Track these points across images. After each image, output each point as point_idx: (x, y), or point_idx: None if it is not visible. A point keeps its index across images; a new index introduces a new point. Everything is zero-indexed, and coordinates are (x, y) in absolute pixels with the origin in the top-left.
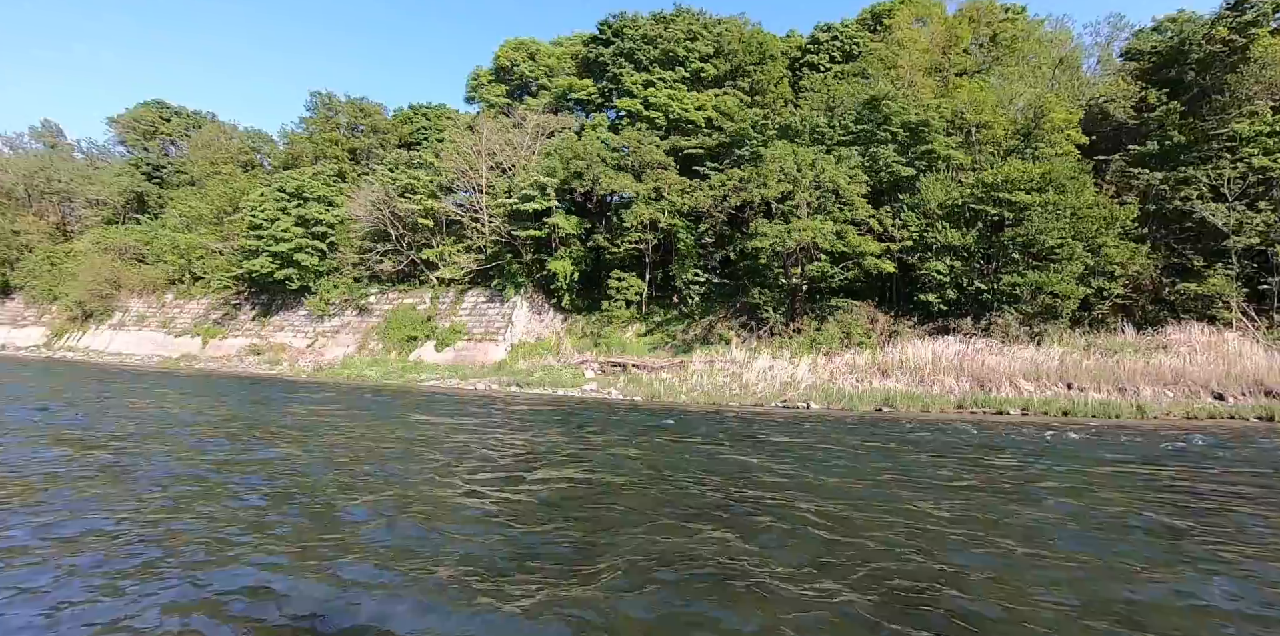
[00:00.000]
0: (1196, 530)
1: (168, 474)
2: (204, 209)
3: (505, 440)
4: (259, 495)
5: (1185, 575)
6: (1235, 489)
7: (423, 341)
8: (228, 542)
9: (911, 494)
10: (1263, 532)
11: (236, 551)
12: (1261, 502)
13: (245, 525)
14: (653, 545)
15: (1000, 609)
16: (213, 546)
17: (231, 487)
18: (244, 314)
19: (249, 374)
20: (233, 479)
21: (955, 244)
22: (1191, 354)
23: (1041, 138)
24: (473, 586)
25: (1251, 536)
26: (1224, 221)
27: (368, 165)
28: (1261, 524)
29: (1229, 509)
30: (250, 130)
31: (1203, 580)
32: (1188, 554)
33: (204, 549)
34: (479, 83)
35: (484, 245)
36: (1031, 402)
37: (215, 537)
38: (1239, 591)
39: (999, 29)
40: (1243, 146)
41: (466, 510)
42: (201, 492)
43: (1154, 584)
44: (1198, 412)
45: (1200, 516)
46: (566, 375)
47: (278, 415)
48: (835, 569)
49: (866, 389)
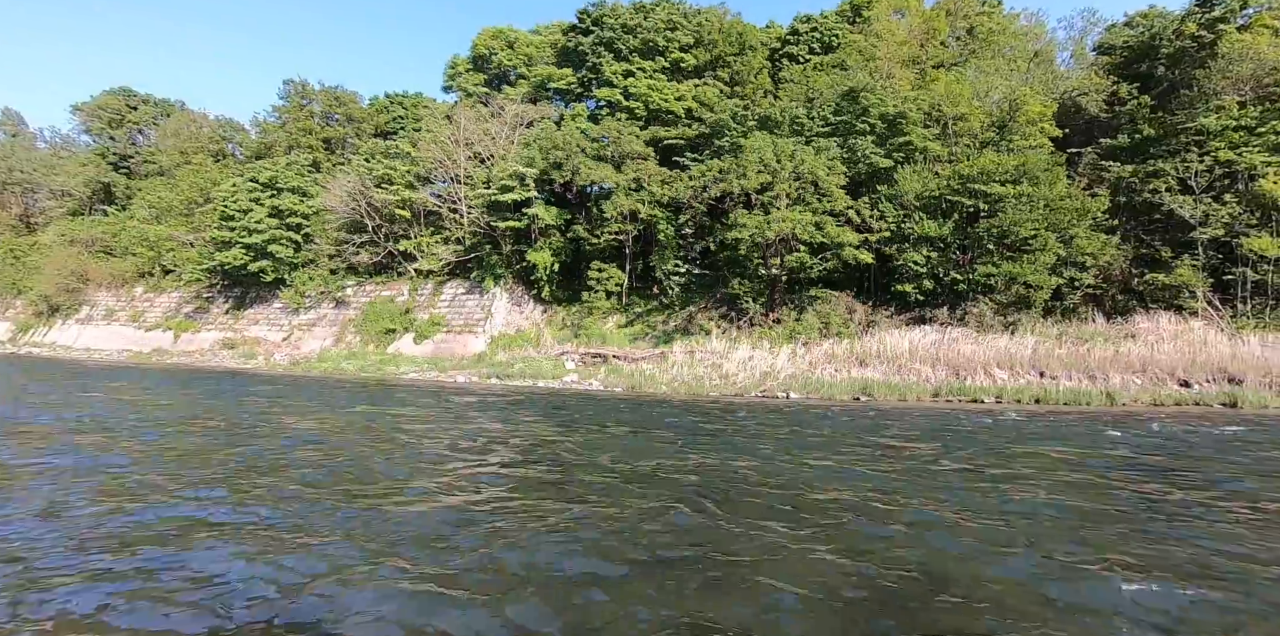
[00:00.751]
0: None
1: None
2: (174, 200)
3: (482, 429)
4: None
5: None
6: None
7: (401, 334)
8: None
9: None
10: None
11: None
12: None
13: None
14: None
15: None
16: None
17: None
18: (217, 307)
19: (223, 368)
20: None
21: (932, 235)
22: (1159, 342)
23: (1016, 130)
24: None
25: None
26: (1191, 213)
27: (343, 155)
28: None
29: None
30: (221, 119)
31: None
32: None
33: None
34: (456, 71)
35: (463, 236)
36: (1006, 391)
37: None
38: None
39: (975, 22)
40: (1210, 140)
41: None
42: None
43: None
44: (1164, 399)
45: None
46: (547, 366)
47: (233, 407)
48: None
49: (845, 378)
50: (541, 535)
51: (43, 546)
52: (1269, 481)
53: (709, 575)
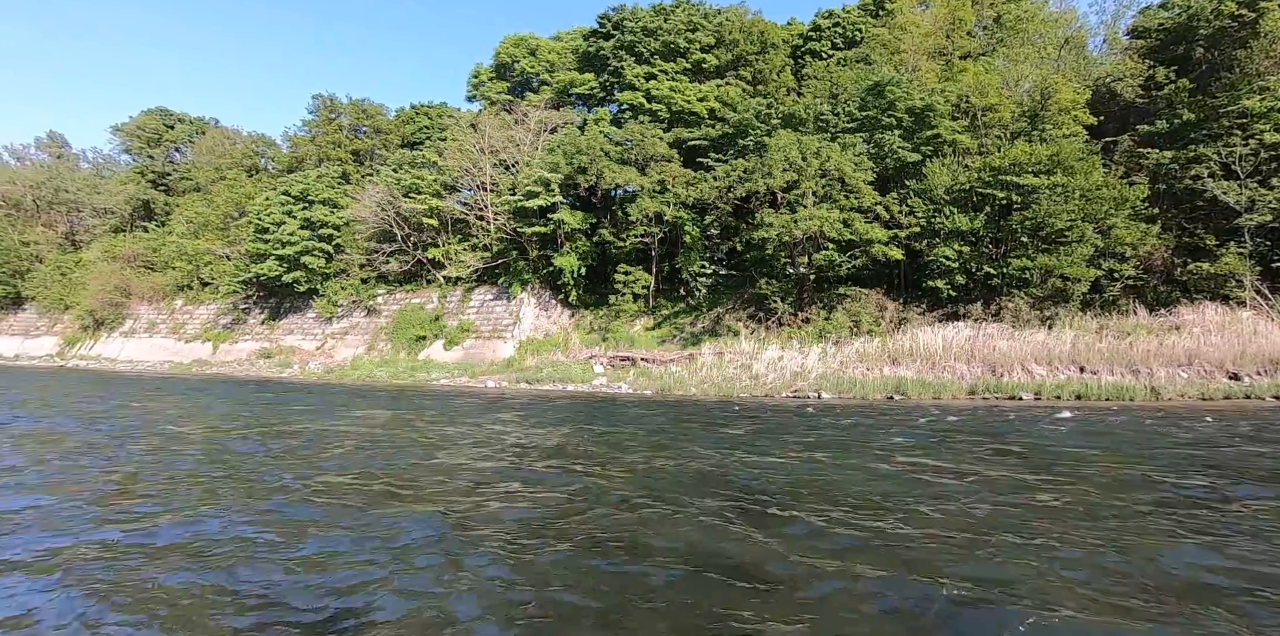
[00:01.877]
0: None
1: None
2: (210, 214)
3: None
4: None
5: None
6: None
7: (431, 340)
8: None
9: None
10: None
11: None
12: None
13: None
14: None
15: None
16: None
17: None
18: (253, 318)
19: (259, 377)
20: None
21: (963, 229)
22: (1205, 334)
23: (1048, 119)
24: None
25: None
26: (1236, 199)
27: (371, 166)
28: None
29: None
30: (253, 134)
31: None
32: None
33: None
34: (480, 80)
35: (489, 243)
36: (1044, 387)
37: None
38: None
39: (1002, 10)
40: (1254, 123)
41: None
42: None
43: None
44: (1213, 393)
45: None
46: (576, 370)
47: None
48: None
49: (877, 377)
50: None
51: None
52: None
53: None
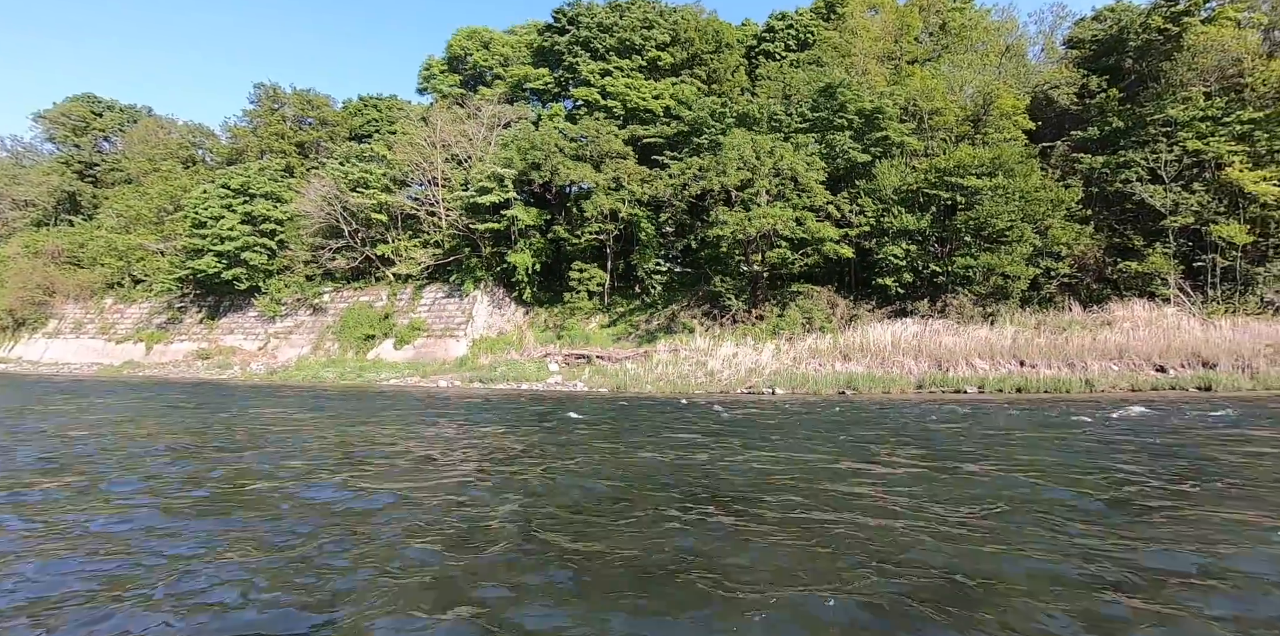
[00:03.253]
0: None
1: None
2: (143, 208)
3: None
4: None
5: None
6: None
7: (381, 339)
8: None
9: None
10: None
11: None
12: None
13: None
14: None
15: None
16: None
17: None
18: (190, 317)
19: (197, 379)
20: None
21: (910, 228)
22: (1134, 329)
23: (990, 124)
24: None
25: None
26: (1161, 202)
27: (317, 159)
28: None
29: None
30: (190, 124)
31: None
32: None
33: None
34: (431, 73)
35: (441, 239)
36: (987, 381)
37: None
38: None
39: (948, 17)
40: (1178, 131)
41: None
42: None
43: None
44: (1141, 385)
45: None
46: (530, 369)
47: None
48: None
49: (829, 372)
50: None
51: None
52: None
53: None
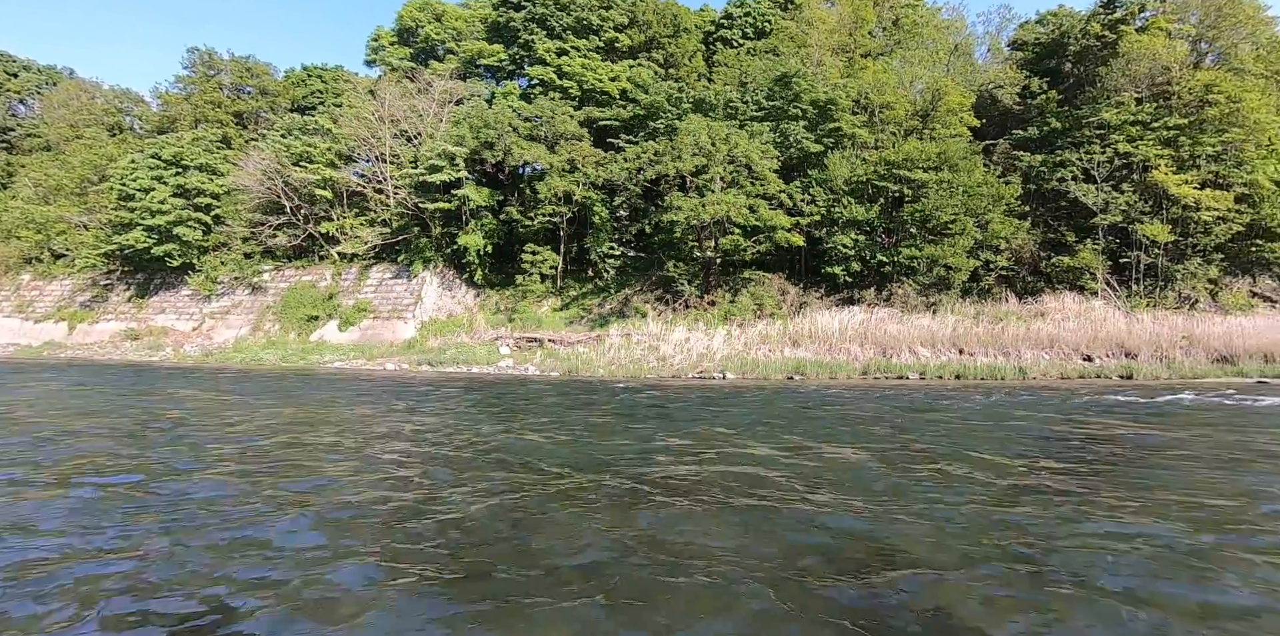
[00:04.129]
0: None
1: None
2: (64, 178)
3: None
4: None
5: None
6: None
7: (325, 321)
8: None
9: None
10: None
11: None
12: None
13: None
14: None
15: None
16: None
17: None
18: (117, 295)
19: (124, 361)
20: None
21: (860, 218)
22: (1065, 320)
23: (938, 119)
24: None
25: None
26: (1093, 201)
27: (257, 130)
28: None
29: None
30: (117, 89)
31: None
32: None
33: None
34: (380, 44)
35: (389, 218)
36: (929, 368)
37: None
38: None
39: (901, 13)
40: (1110, 133)
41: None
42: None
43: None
44: (1070, 373)
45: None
46: (481, 352)
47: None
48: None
49: (779, 358)
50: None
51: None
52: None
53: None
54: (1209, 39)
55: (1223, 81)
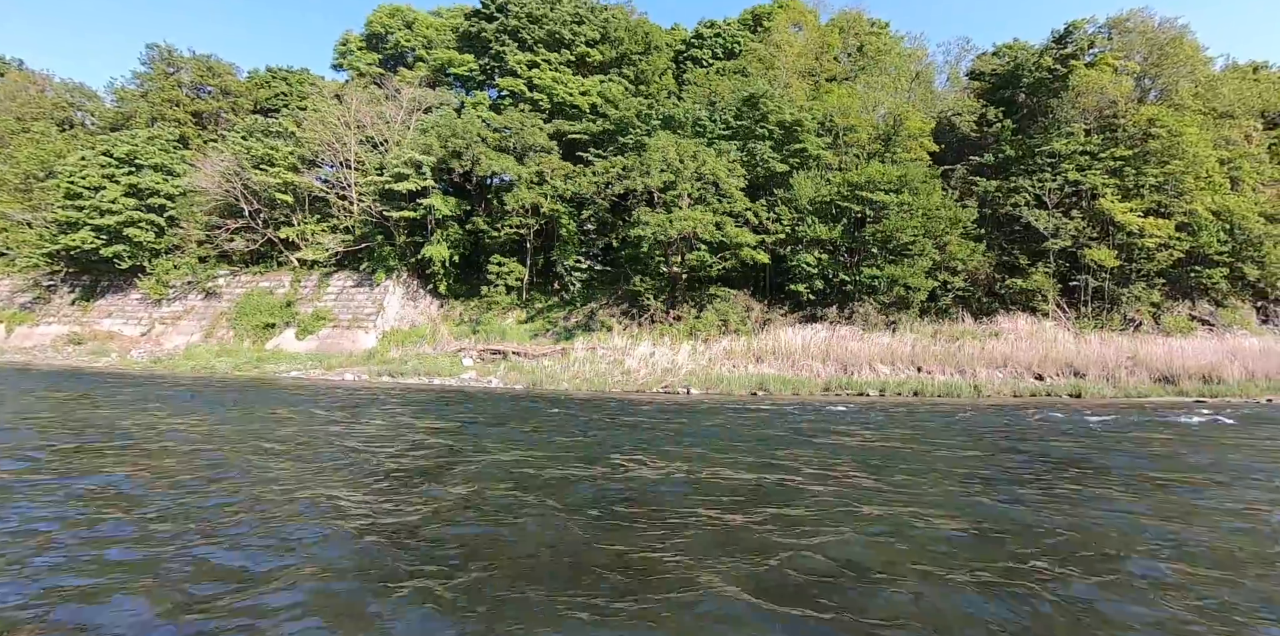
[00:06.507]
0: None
1: None
2: (7, 172)
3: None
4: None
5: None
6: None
7: (282, 328)
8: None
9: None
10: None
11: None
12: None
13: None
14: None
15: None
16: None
17: None
18: (60, 297)
19: (66, 366)
20: None
21: (823, 238)
22: (1018, 340)
23: (899, 144)
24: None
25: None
26: (1044, 226)
27: (216, 131)
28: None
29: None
30: (68, 83)
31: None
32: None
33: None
34: (348, 49)
35: (352, 225)
36: (889, 384)
37: None
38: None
39: (865, 40)
40: (1061, 162)
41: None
42: None
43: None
44: (1022, 391)
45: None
46: (443, 363)
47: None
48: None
49: (743, 374)
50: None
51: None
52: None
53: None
54: (1152, 75)
55: (1164, 116)
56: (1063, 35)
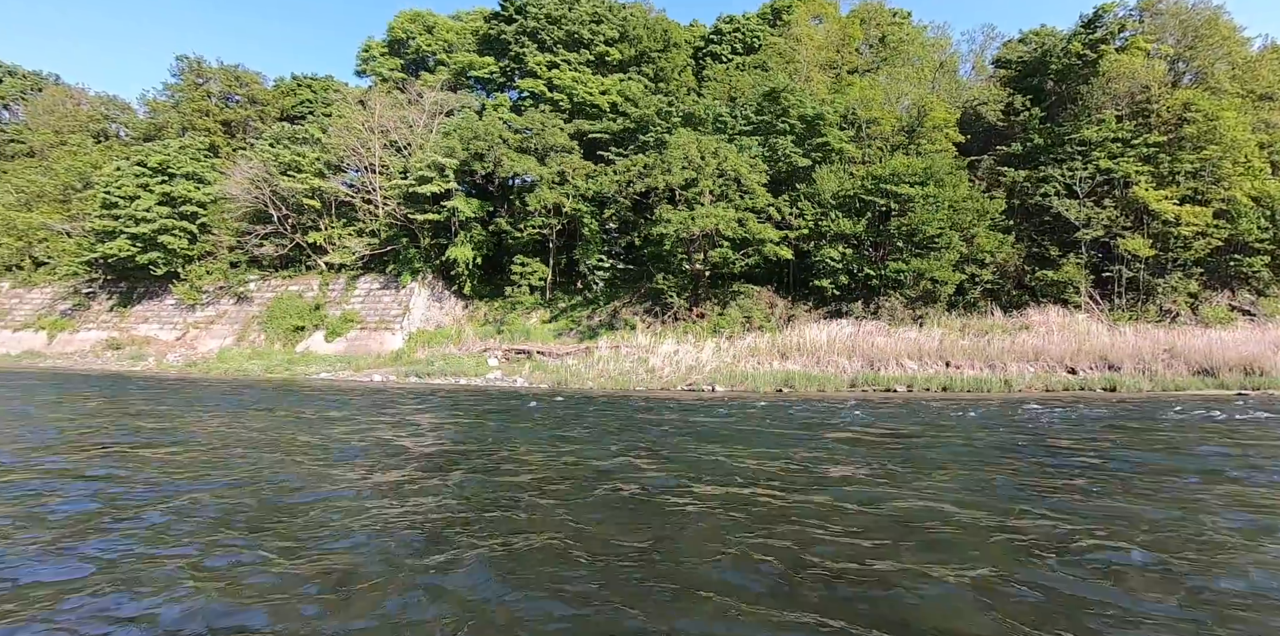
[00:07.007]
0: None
1: None
2: (47, 184)
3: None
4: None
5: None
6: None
7: (311, 331)
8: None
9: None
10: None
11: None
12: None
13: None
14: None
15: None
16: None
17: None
18: (99, 304)
19: (105, 371)
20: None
21: (847, 232)
22: (1049, 333)
23: (924, 135)
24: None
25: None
26: (1075, 216)
27: (245, 139)
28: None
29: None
30: (104, 96)
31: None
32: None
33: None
34: (371, 55)
35: (378, 228)
36: (916, 379)
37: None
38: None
39: (887, 31)
40: (1091, 150)
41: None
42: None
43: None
44: (1055, 385)
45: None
46: (469, 364)
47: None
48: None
49: (767, 371)
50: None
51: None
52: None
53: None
54: (1186, 58)
55: (1200, 100)
56: (1092, 19)
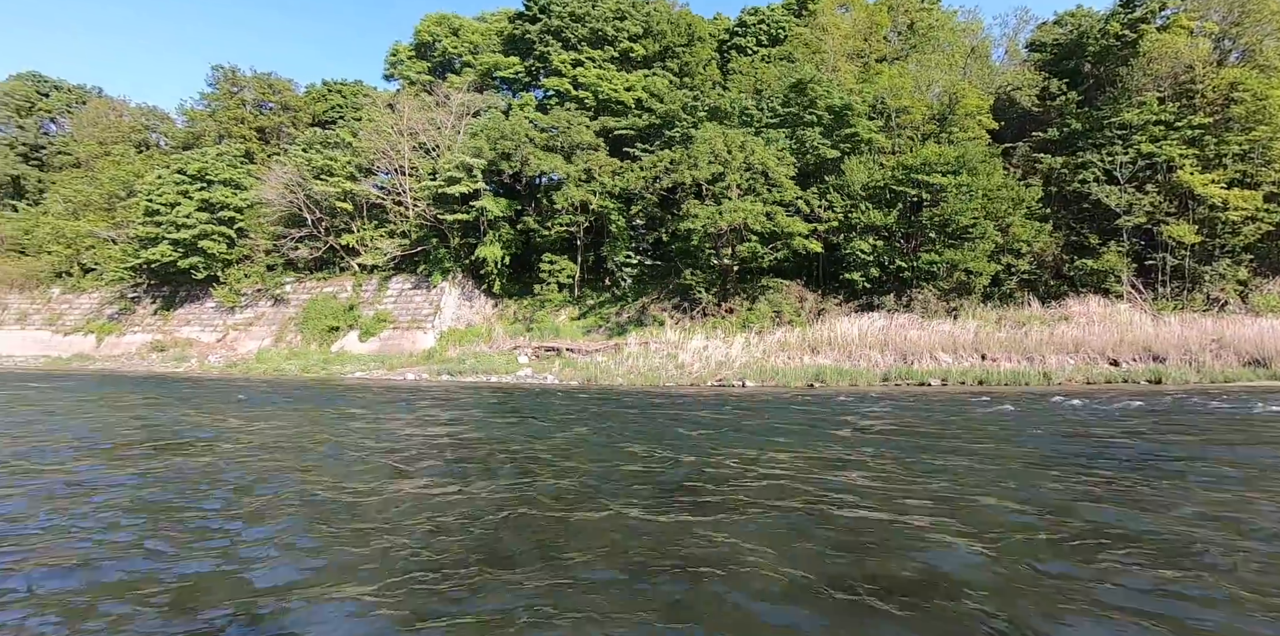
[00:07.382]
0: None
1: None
2: (93, 193)
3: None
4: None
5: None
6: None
7: (345, 331)
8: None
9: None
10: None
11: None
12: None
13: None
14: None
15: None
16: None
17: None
18: (143, 307)
19: (150, 372)
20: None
21: (877, 224)
22: (1089, 324)
23: (955, 123)
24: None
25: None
26: (1116, 202)
27: (279, 145)
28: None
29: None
30: (144, 107)
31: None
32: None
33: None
34: (398, 59)
35: (408, 229)
36: (951, 373)
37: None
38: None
39: (916, 17)
40: (1132, 134)
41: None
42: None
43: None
44: (1096, 377)
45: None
46: (500, 361)
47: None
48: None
49: (798, 365)
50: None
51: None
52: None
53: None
54: (1232, 36)
55: (1248, 79)
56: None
